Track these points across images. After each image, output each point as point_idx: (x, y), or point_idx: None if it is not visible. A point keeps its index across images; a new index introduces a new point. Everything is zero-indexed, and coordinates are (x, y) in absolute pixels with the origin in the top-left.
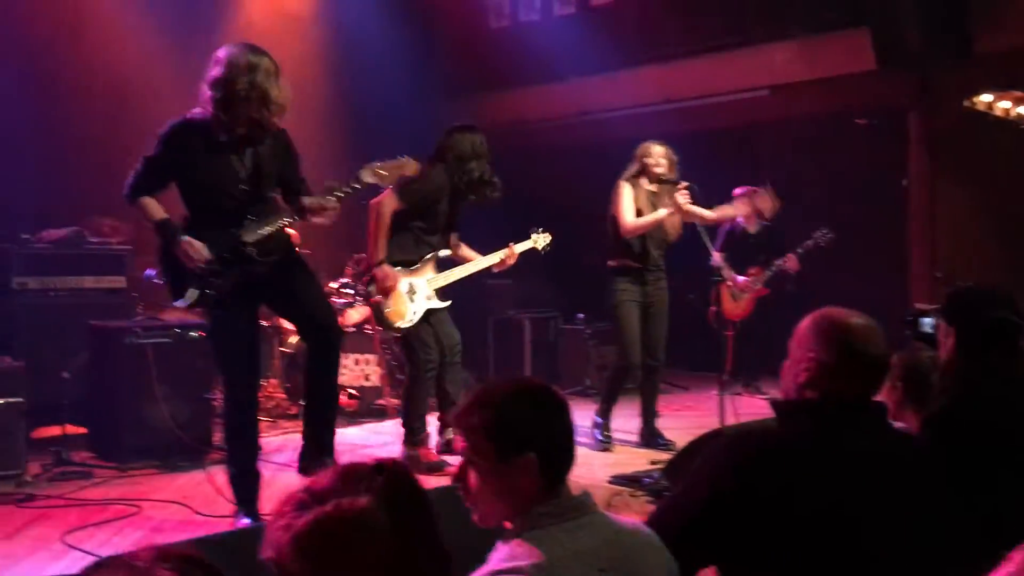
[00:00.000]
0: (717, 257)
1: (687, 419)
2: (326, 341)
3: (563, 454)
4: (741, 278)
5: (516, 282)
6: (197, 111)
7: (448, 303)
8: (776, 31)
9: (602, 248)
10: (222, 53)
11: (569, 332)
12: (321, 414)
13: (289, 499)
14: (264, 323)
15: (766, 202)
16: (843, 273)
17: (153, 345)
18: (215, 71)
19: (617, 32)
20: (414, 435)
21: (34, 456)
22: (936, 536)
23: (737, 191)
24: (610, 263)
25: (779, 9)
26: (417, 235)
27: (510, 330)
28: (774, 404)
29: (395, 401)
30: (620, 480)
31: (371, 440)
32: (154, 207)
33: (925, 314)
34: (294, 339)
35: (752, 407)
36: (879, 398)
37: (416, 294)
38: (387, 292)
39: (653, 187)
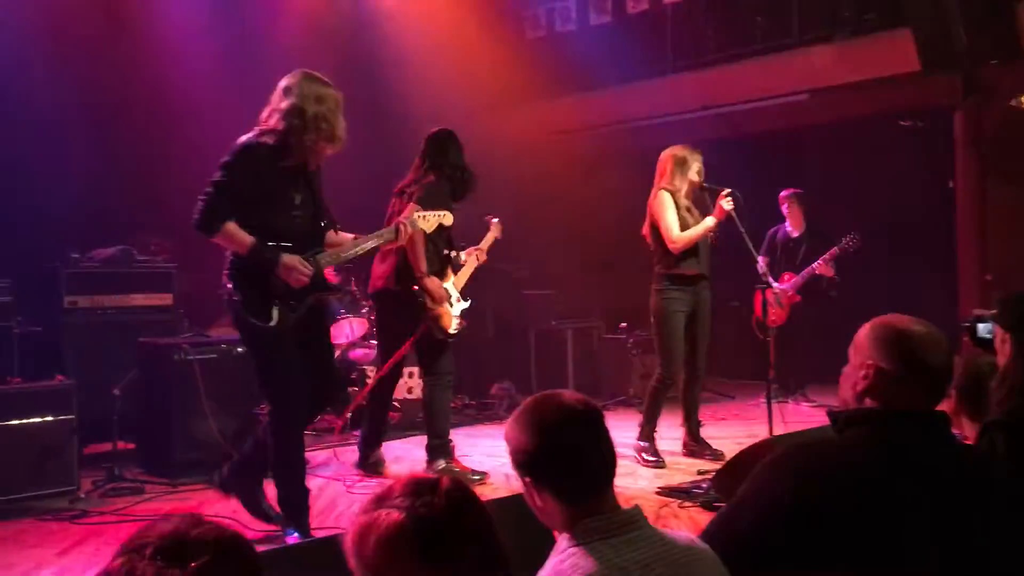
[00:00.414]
0: (762, 263)
1: (734, 428)
2: (323, 403)
3: (581, 478)
4: (777, 284)
5: (557, 293)
6: (257, 136)
7: (469, 302)
8: (816, 34)
9: (644, 257)
10: (292, 82)
11: (611, 342)
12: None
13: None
14: None
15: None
16: (890, 277)
17: (201, 361)
18: (286, 99)
19: (654, 39)
20: (447, 447)
21: (86, 472)
22: (1003, 552)
23: (783, 193)
24: (661, 271)
25: (819, 12)
26: (434, 243)
27: (552, 341)
28: (832, 414)
29: None
30: (668, 492)
31: (413, 453)
32: (241, 232)
33: (983, 319)
34: (337, 353)
35: (799, 415)
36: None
37: (451, 298)
38: (443, 300)
39: (688, 194)
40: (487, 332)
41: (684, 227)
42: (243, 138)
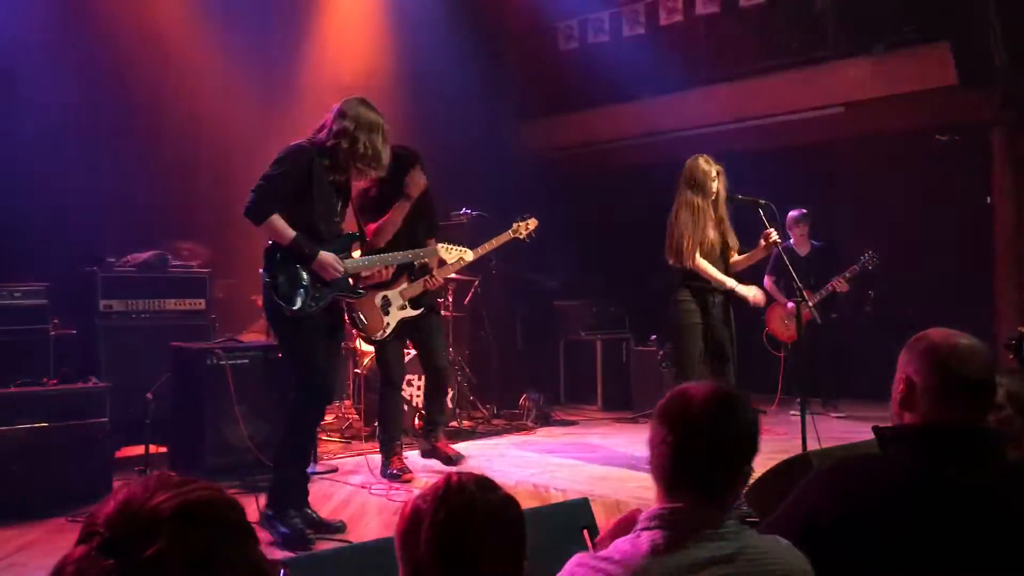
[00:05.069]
0: (768, 281)
1: (764, 442)
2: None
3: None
4: (790, 302)
5: (587, 304)
6: (310, 144)
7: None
8: (852, 46)
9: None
10: (347, 107)
11: (641, 354)
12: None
13: None
14: None
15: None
16: (925, 294)
17: (233, 366)
18: (340, 122)
19: (688, 51)
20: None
21: (118, 475)
22: None
23: (792, 215)
24: (676, 280)
25: (856, 24)
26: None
27: (581, 352)
28: (877, 429)
29: (467, 423)
30: None
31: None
32: (284, 224)
33: None
34: (367, 360)
35: (831, 430)
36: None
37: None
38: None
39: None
40: (516, 342)
41: (704, 243)
42: (297, 142)
